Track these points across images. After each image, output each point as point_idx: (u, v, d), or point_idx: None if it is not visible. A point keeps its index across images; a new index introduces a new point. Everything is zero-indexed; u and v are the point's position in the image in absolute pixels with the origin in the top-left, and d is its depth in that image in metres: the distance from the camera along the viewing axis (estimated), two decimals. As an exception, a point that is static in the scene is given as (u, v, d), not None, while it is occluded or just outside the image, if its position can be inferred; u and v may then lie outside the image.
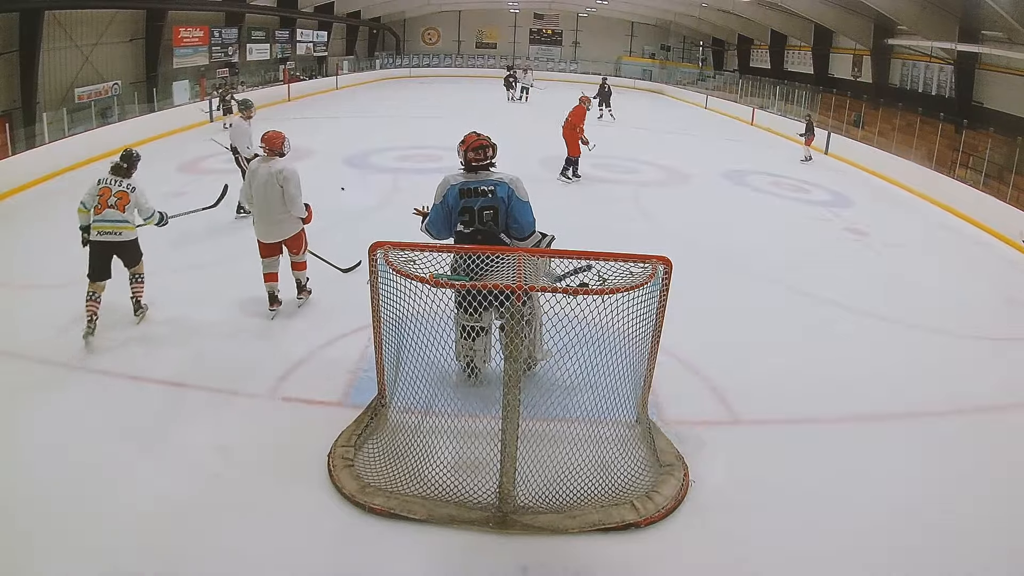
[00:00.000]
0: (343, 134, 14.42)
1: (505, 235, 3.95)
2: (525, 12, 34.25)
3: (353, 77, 26.21)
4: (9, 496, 3.26)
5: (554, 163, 11.79)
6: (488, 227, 3.90)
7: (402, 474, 3.40)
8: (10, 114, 12.09)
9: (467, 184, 3.92)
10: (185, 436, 3.79)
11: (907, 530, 3.32)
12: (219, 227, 7.68)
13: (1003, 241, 9.19)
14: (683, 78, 29.66)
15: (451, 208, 3.94)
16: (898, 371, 5.02)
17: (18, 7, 11.95)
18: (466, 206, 3.89)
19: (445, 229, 4.04)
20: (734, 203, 10.16)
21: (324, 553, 3.02)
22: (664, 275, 3.35)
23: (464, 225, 3.92)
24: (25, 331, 4.96)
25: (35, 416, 3.93)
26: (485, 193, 3.88)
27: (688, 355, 4.91)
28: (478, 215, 3.87)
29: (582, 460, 3.48)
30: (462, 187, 3.91)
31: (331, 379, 4.41)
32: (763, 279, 6.74)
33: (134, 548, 2.97)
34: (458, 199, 3.91)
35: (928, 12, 15.14)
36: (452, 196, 3.92)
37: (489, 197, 3.89)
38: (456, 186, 3.92)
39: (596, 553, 3.06)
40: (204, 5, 18.36)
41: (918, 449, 4.06)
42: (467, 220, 3.91)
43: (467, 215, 3.90)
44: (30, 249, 6.88)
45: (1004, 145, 11.48)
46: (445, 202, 3.94)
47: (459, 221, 3.94)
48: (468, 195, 3.89)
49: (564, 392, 3.46)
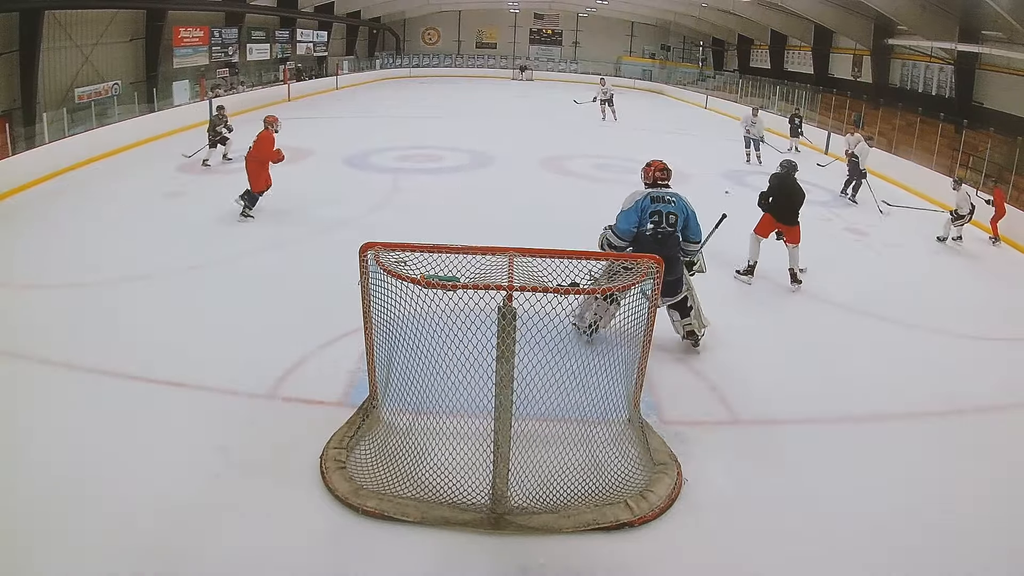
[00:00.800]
0: (343, 134, 14.42)
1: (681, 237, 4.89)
2: (525, 12, 34.24)
3: (353, 77, 26.21)
4: (9, 496, 3.26)
5: (554, 163, 11.81)
6: (670, 230, 4.80)
7: (395, 476, 3.40)
8: (10, 114, 12.08)
9: (657, 193, 4.88)
10: (185, 436, 3.79)
11: (907, 530, 3.32)
12: (219, 227, 7.69)
13: (1003, 240, 9.17)
14: (683, 78, 29.65)
15: (643, 209, 4.78)
16: (898, 371, 5.02)
17: (18, 7, 11.94)
18: (655, 209, 4.80)
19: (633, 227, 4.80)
20: (734, 203, 10.13)
21: (321, 555, 3.03)
22: (656, 274, 3.35)
23: (655, 225, 4.77)
24: (25, 331, 4.96)
25: (35, 416, 3.93)
26: (670, 201, 4.85)
27: (688, 355, 4.92)
28: (665, 218, 4.79)
29: (575, 460, 3.49)
30: (653, 195, 4.84)
31: (331, 379, 4.41)
32: (763, 279, 6.74)
33: (134, 548, 2.97)
34: (650, 204, 4.80)
35: (928, 12, 15.15)
36: (646, 201, 4.80)
37: (673, 205, 4.84)
38: (649, 194, 4.84)
39: (591, 552, 3.07)
40: (204, 5, 18.35)
41: (918, 449, 4.06)
42: (656, 221, 4.78)
43: (656, 216, 4.79)
44: (30, 249, 6.88)
45: (1004, 145, 11.47)
46: (637, 206, 4.81)
47: (649, 221, 4.77)
48: (658, 201, 4.83)
49: (556, 392, 3.46)
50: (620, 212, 4.85)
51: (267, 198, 8.13)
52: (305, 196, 9.19)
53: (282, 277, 6.17)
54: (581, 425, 3.68)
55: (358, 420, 3.83)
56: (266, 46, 21.88)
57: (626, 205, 4.84)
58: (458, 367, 3.28)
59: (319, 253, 6.80)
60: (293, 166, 11.02)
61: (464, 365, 3.26)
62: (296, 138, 11.97)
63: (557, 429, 3.69)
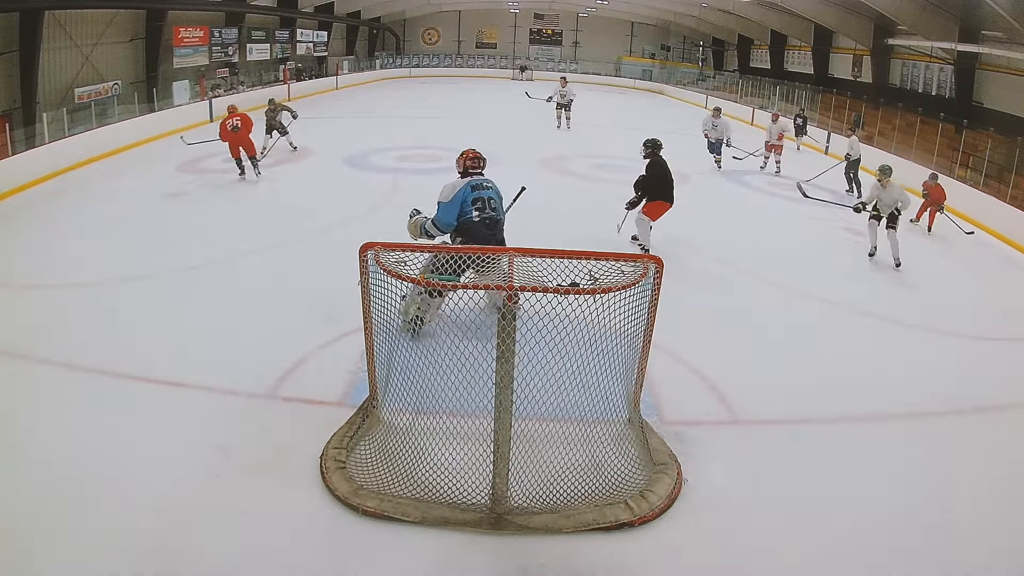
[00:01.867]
0: (343, 134, 14.42)
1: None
2: (525, 12, 34.23)
3: (353, 77, 26.20)
4: (9, 496, 3.26)
5: (554, 162, 11.81)
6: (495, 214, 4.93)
7: (395, 476, 3.40)
8: (10, 114, 12.08)
9: (475, 182, 4.95)
10: (185, 436, 3.79)
11: (907, 530, 3.32)
12: (219, 227, 7.70)
13: (1003, 241, 9.19)
14: (683, 78, 29.63)
15: (464, 200, 4.84)
16: (898, 371, 5.02)
17: (18, 7, 11.94)
18: (476, 197, 4.87)
19: (454, 219, 4.87)
20: (734, 203, 10.16)
21: (321, 555, 3.02)
22: (655, 274, 3.35)
23: (479, 212, 4.86)
24: (25, 331, 4.95)
25: (35, 416, 3.93)
26: (488, 187, 4.98)
27: (688, 355, 4.91)
28: (487, 203, 4.89)
29: (575, 460, 3.48)
30: (472, 184, 4.91)
31: (331, 379, 4.41)
32: (763, 279, 6.74)
33: (134, 548, 2.97)
34: (471, 192, 4.86)
35: (928, 12, 15.15)
36: (465, 191, 4.86)
37: (491, 190, 4.98)
38: (468, 183, 4.90)
39: (591, 552, 3.06)
40: (204, 5, 18.34)
41: (918, 449, 4.06)
42: (480, 207, 4.87)
43: (480, 203, 4.87)
44: (30, 249, 6.88)
45: (1004, 145, 11.47)
46: (458, 198, 4.85)
47: (473, 209, 4.84)
48: (478, 189, 4.91)
49: (556, 392, 3.46)
50: (439, 204, 4.89)
51: (267, 198, 8.12)
52: (305, 196, 9.19)
53: (282, 277, 6.17)
54: (581, 425, 3.68)
55: (358, 420, 3.83)
56: (266, 46, 21.88)
57: (444, 198, 4.88)
58: (458, 367, 3.28)
59: (319, 253, 6.80)
60: (293, 166, 11.05)
61: (464, 365, 3.25)
62: (296, 138, 11.97)
63: (557, 429, 3.69)
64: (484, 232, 4.79)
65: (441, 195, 4.92)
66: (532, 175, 10.96)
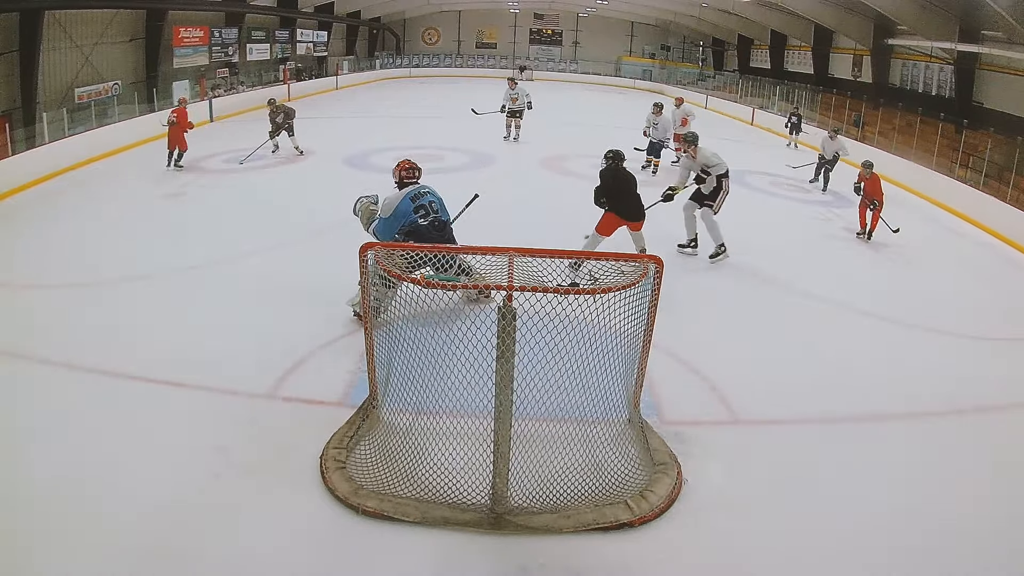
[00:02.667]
0: (343, 134, 14.42)
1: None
2: (525, 12, 34.23)
3: (353, 77, 26.19)
4: (9, 496, 3.26)
5: (554, 162, 11.80)
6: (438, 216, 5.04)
7: (395, 476, 3.40)
8: (10, 114, 12.07)
9: (412, 192, 5.05)
10: (185, 436, 3.79)
11: (907, 530, 3.32)
12: (219, 227, 7.70)
13: (1003, 241, 9.19)
14: (683, 78, 29.62)
15: (405, 213, 4.93)
16: (898, 371, 5.02)
17: (18, 7, 11.94)
18: (419, 205, 4.98)
19: (395, 233, 4.97)
20: (734, 203, 10.12)
21: (321, 555, 3.02)
22: (655, 274, 3.35)
23: (424, 217, 4.96)
24: (25, 331, 4.96)
25: (35, 416, 3.93)
26: (425, 193, 5.08)
27: (688, 355, 4.91)
28: (429, 207, 5.01)
29: (575, 460, 3.48)
30: (410, 195, 5.01)
31: (331, 379, 4.41)
32: (763, 279, 6.74)
33: (134, 548, 2.97)
34: (410, 203, 4.97)
35: (928, 12, 15.14)
36: (404, 203, 4.97)
37: (429, 195, 5.09)
38: (405, 196, 5.01)
39: (592, 553, 3.06)
40: (204, 5, 18.34)
41: (918, 449, 4.06)
42: (424, 213, 4.98)
43: (423, 210, 4.98)
44: (30, 249, 6.88)
45: (1004, 145, 11.47)
46: (397, 214, 4.95)
47: (418, 217, 4.94)
48: (417, 198, 5.01)
49: (556, 392, 3.47)
50: (380, 219, 5.04)
51: (267, 198, 8.11)
52: (305, 196, 9.19)
53: (282, 277, 6.17)
54: (581, 425, 3.68)
55: (358, 420, 3.83)
56: (266, 46, 21.87)
57: (385, 213, 5.02)
58: (458, 367, 3.28)
59: (319, 253, 6.80)
60: (293, 166, 11.05)
61: (464, 365, 3.25)
62: (296, 138, 11.96)
63: (557, 429, 3.69)
64: (434, 234, 4.90)
65: (382, 209, 5.06)
66: (532, 175, 10.98)
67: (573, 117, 17.85)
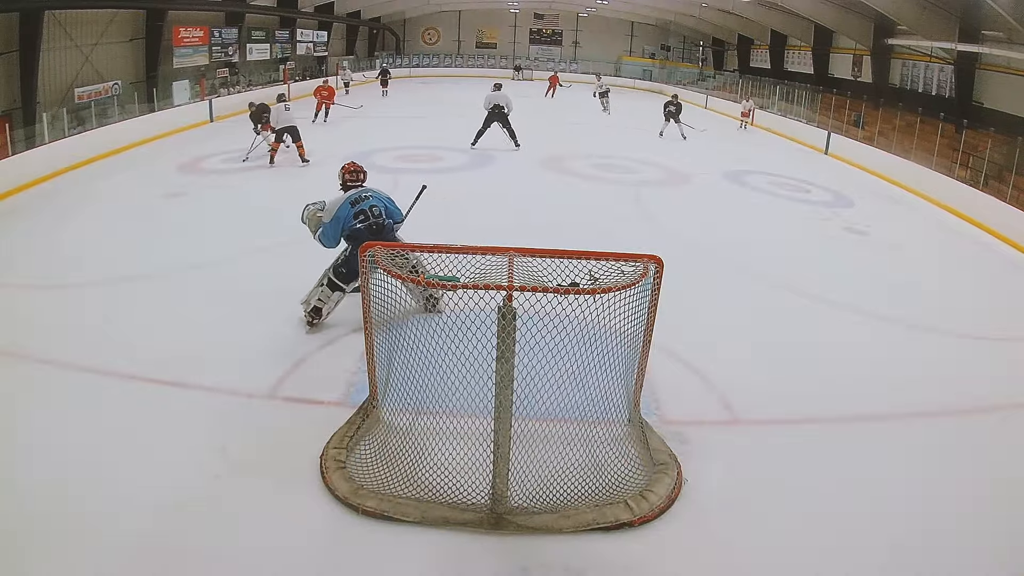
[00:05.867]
0: (343, 134, 14.41)
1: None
2: (525, 12, 34.24)
3: (354, 77, 26.16)
4: (8, 496, 3.26)
5: (554, 162, 11.81)
6: (380, 220, 5.06)
7: (395, 476, 3.39)
8: (10, 114, 12.07)
9: (353, 196, 5.11)
10: (185, 436, 3.79)
11: (907, 530, 3.32)
12: (219, 227, 7.69)
13: (1003, 241, 9.19)
14: (683, 78, 29.64)
15: (345, 218, 4.99)
16: (898, 371, 5.02)
17: (18, 7, 11.93)
18: (359, 210, 5.03)
19: (338, 237, 5.07)
20: (734, 203, 10.16)
21: (321, 555, 3.02)
22: (655, 274, 3.35)
23: (363, 222, 5.00)
24: (25, 331, 4.95)
25: (34, 416, 3.93)
26: (368, 197, 5.12)
27: (688, 355, 4.91)
28: (370, 212, 5.05)
29: (575, 460, 3.48)
30: (351, 199, 5.06)
31: (331, 379, 4.41)
32: (763, 279, 6.74)
33: (134, 548, 2.97)
34: (350, 208, 5.02)
35: (928, 12, 15.13)
36: (344, 209, 5.01)
37: (372, 199, 5.13)
38: (346, 200, 5.06)
39: (591, 552, 3.06)
40: (204, 5, 18.33)
41: (918, 449, 4.06)
42: (364, 218, 5.01)
43: (362, 215, 5.02)
44: (30, 249, 6.88)
45: (1004, 145, 11.47)
46: (338, 218, 5.02)
47: (357, 221, 4.98)
48: (358, 203, 5.06)
49: (556, 392, 3.47)
50: (324, 225, 5.11)
51: (267, 198, 8.10)
52: (305, 196, 9.15)
53: (282, 277, 6.16)
54: (581, 425, 3.68)
55: (358, 420, 3.83)
56: (266, 46, 21.86)
57: (327, 217, 5.08)
58: (458, 367, 3.28)
59: (319, 253, 6.77)
60: (293, 166, 11.04)
61: (464, 365, 3.25)
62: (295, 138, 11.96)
63: (557, 429, 3.69)
64: (371, 238, 4.87)
65: (324, 213, 5.11)
66: (532, 175, 10.98)
67: (573, 116, 17.85)
